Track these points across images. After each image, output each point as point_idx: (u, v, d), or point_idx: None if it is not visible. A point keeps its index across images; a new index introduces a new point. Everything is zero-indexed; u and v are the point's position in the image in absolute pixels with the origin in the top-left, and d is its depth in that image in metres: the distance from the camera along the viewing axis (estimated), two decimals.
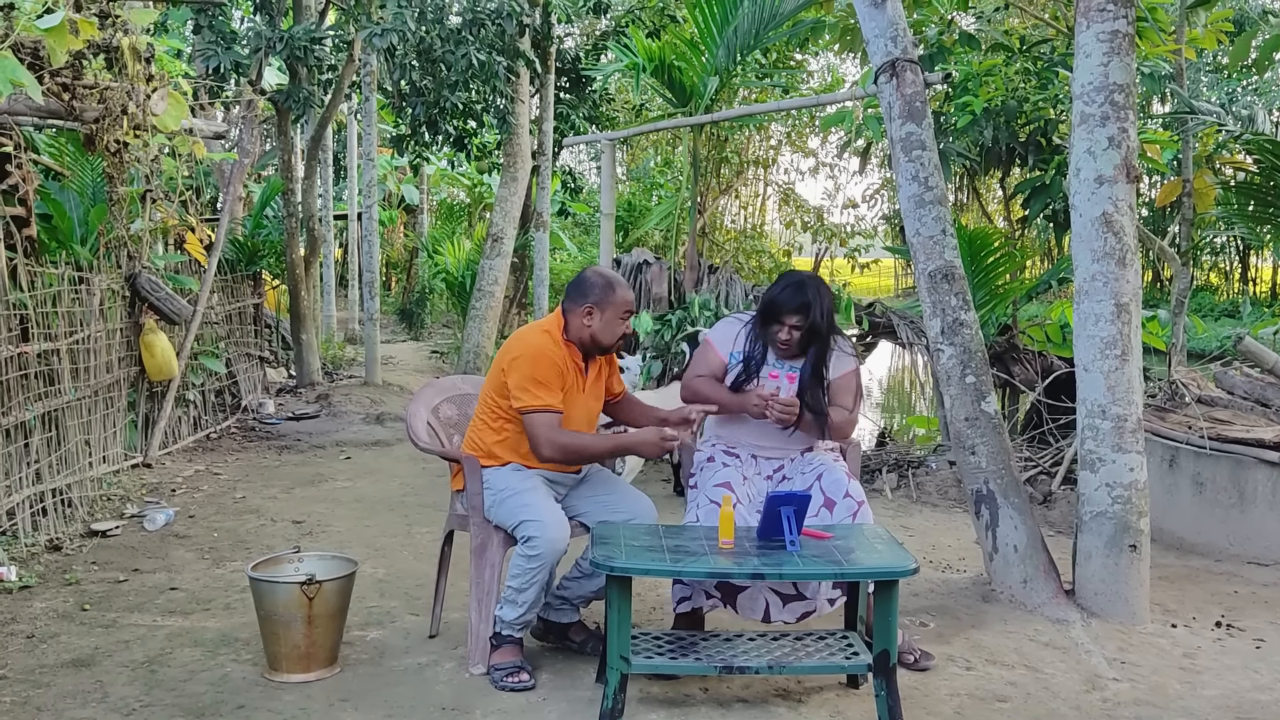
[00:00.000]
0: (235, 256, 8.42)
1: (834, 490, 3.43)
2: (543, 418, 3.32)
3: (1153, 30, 6.44)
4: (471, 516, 3.48)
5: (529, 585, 3.30)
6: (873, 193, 18.84)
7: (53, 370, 5.20)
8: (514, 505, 3.36)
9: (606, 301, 3.42)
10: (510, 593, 3.34)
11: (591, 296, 3.42)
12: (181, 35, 10.74)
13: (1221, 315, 18.60)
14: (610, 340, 3.46)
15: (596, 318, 3.42)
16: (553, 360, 3.37)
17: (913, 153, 4.27)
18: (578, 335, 3.45)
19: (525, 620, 3.38)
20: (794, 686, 3.33)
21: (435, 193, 21.10)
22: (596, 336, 3.44)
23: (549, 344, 3.41)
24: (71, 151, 6.59)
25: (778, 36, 7.53)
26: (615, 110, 13.22)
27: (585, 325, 3.43)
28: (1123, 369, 3.91)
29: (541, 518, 3.29)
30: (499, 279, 9.82)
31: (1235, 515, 4.94)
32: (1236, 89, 18.06)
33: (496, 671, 3.31)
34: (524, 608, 3.34)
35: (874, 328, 7.23)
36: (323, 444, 7.41)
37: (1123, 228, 3.91)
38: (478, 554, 3.46)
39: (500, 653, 3.36)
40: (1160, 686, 3.38)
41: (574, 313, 3.44)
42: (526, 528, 3.30)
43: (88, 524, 5.10)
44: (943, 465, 6.45)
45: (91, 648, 3.59)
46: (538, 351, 3.38)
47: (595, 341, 3.44)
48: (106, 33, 5.25)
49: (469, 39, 8.23)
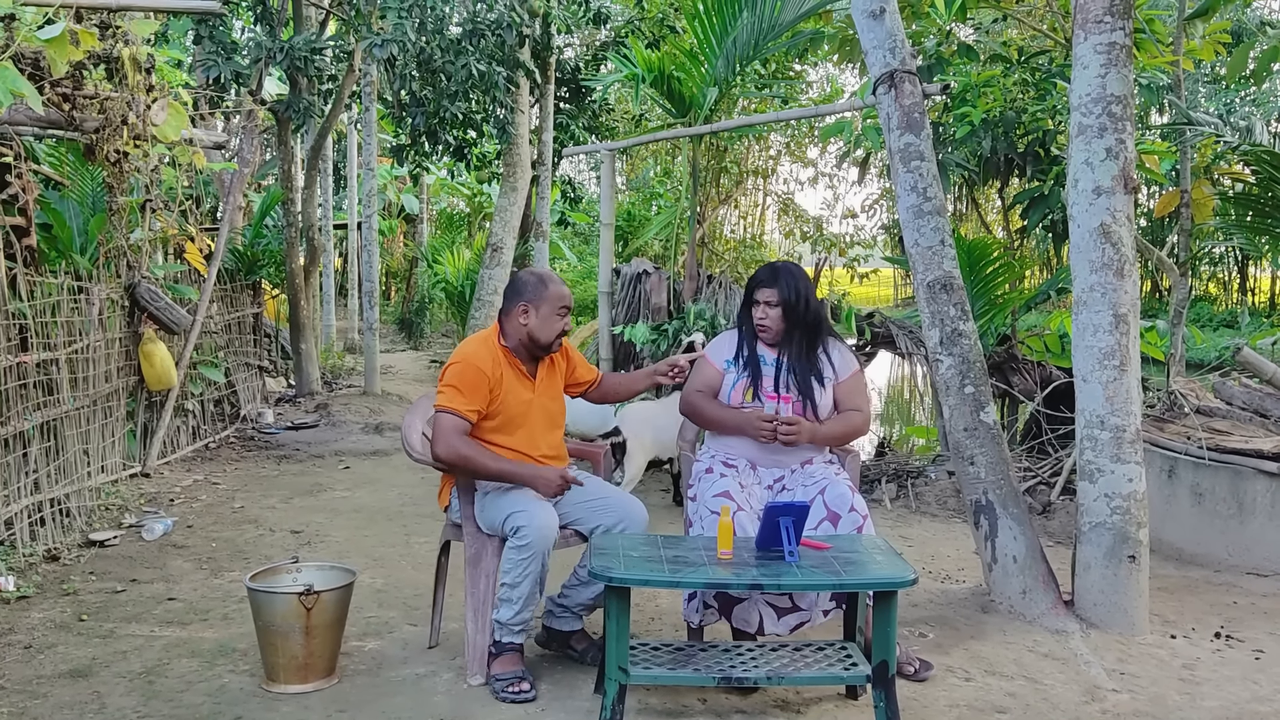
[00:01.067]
0: (235, 266, 8.43)
1: (838, 504, 3.43)
2: (449, 419, 3.35)
3: (1150, 41, 6.46)
4: (465, 527, 3.49)
5: (522, 578, 3.30)
6: (872, 203, 18.86)
7: (51, 380, 5.21)
8: (500, 502, 3.38)
9: (540, 298, 3.44)
10: (505, 590, 3.34)
11: (525, 294, 3.45)
12: (182, 45, 10.78)
13: (1220, 326, 18.61)
14: (549, 337, 3.47)
15: (532, 315, 3.44)
16: (479, 369, 3.38)
17: (911, 163, 4.28)
18: (515, 336, 3.47)
19: (523, 620, 3.37)
20: (793, 697, 3.32)
21: (435, 202, 21.13)
22: (534, 334, 3.46)
23: (481, 351, 3.43)
24: (72, 161, 6.60)
25: (777, 47, 7.54)
26: (615, 120, 13.24)
27: (522, 324, 3.45)
28: (1121, 379, 3.91)
29: (527, 508, 3.30)
30: (498, 289, 9.83)
31: (1234, 526, 4.93)
32: (1234, 100, 18.10)
33: (497, 682, 3.30)
34: (519, 604, 3.33)
35: (873, 338, 7.23)
36: (321, 454, 7.40)
37: (1121, 238, 3.92)
38: (472, 564, 3.46)
39: (501, 661, 3.35)
40: (1159, 698, 3.37)
41: (510, 315, 3.47)
42: (514, 519, 3.31)
43: (86, 534, 5.10)
44: (942, 475, 6.44)
45: (89, 658, 3.59)
46: (465, 358, 3.40)
47: (533, 339, 3.47)
48: (107, 43, 5.27)
49: (469, 49, 8.26)
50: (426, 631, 3.80)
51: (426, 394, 3.85)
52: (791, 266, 3.71)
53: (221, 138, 7.75)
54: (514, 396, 3.45)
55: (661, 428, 5.70)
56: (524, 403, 3.48)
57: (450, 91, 8.56)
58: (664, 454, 5.90)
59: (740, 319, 3.78)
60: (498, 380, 3.42)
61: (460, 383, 3.37)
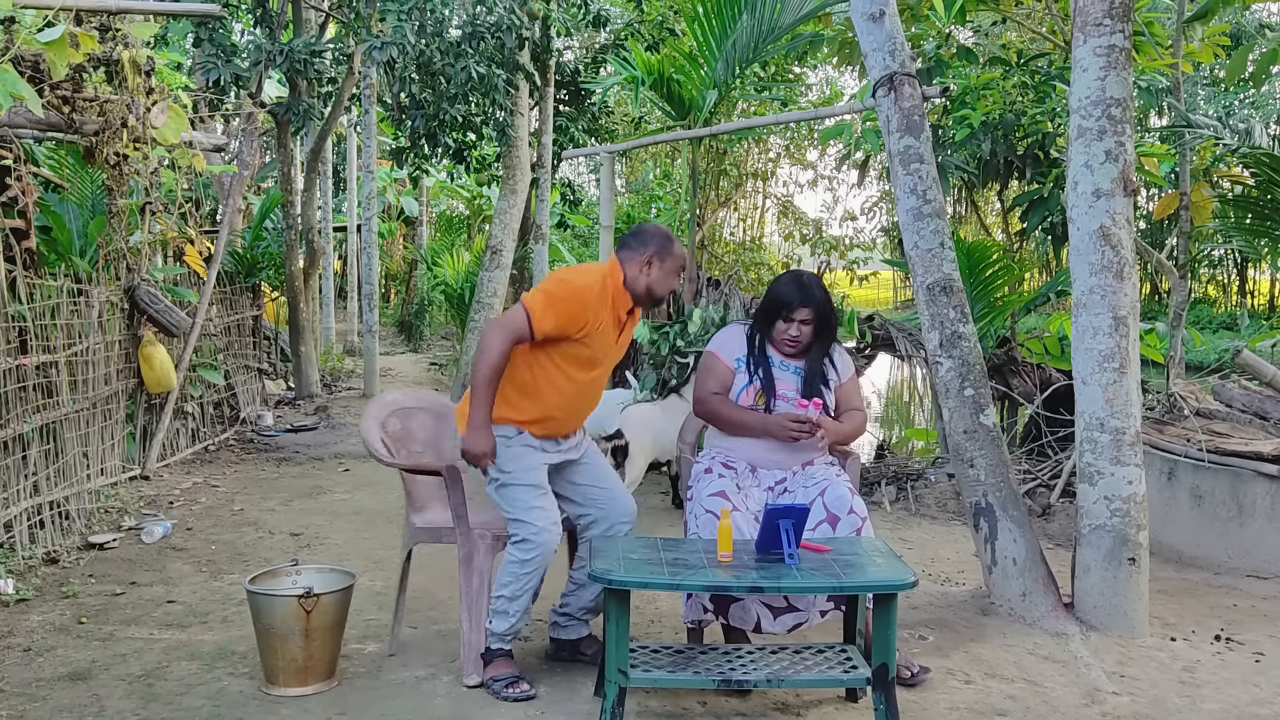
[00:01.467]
0: (234, 268, 8.43)
1: (838, 506, 3.43)
2: (519, 319, 3.28)
3: (1150, 44, 6.47)
4: (457, 526, 3.48)
5: (522, 592, 3.31)
6: (871, 205, 18.89)
7: (51, 382, 5.20)
8: (518, 496, 3.35)
9: (666, 253, 3.44)
10: (501, 603, 3.33)
11: (652, 246, 3.43)
12: (182, 48, 10.79)
13: (1219, 328, 18.62)
14: (664, 291, 3.48)
15: (655, 268, 3.43)
16: (584, 303, 3.34)
17: (911, 166, 4.28)
18: (634, 284, 3.45)
19: (516, 631, 3.38)
20: (792, 700, 3.32)
21: (435, 205, 21.14)
22: (652, 287, 3.45)
23: (596, 287, 3.38)
24: (71, 164, 6.60)
25: (776, 50, 7.55)
26: (614, 123, 13.25)
27: (643, 274, 3.44)
28: (1121, 382, 3.91)
29: (539, 522, 3.29)
30: (498, 291, 9.82)
31: (1234, 528, 4.93)
32: (1234, 102, 18.11)
33: (496, 683, 3.30)
34: (515, 617, 3.34)
35: (873, 340, 7.23)
36: (321, 456, 7.40)
37: (1120, 241, 3.92)
38: (465, 562, 3.46)
39: (495, 665, 3.35)
40: (1159, 700, 3.37)
41: (633, 261, 3.44)
42: (523, 528, 3.30)
43: (85, 536, 5.09)
44: (941, 478, 6.44)
45: (88, 661, 3.58)
46: (579, 290, 3.35)
47: (650, 292, 3.46)
48: (107, 46, 5.27)
49: (468, 52, 8.26)
50: (426, 634, 3.80)
51: (373, 399, 3.86)
52: (814, 279, 3.64)
53: (221, 140, 7.75)
54: (603, 339, 3.44)
55: (661, 430, 5.70)
56: (607, 347, 3.47)
57: (450, 94, 8.56)
58: (663, 456, 5.90)
59: (756, 325, 3.71)
60: (595, 320, 3.38)
61: (557, 303, 3.31)
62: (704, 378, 3.71)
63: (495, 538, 3.46)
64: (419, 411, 3.95)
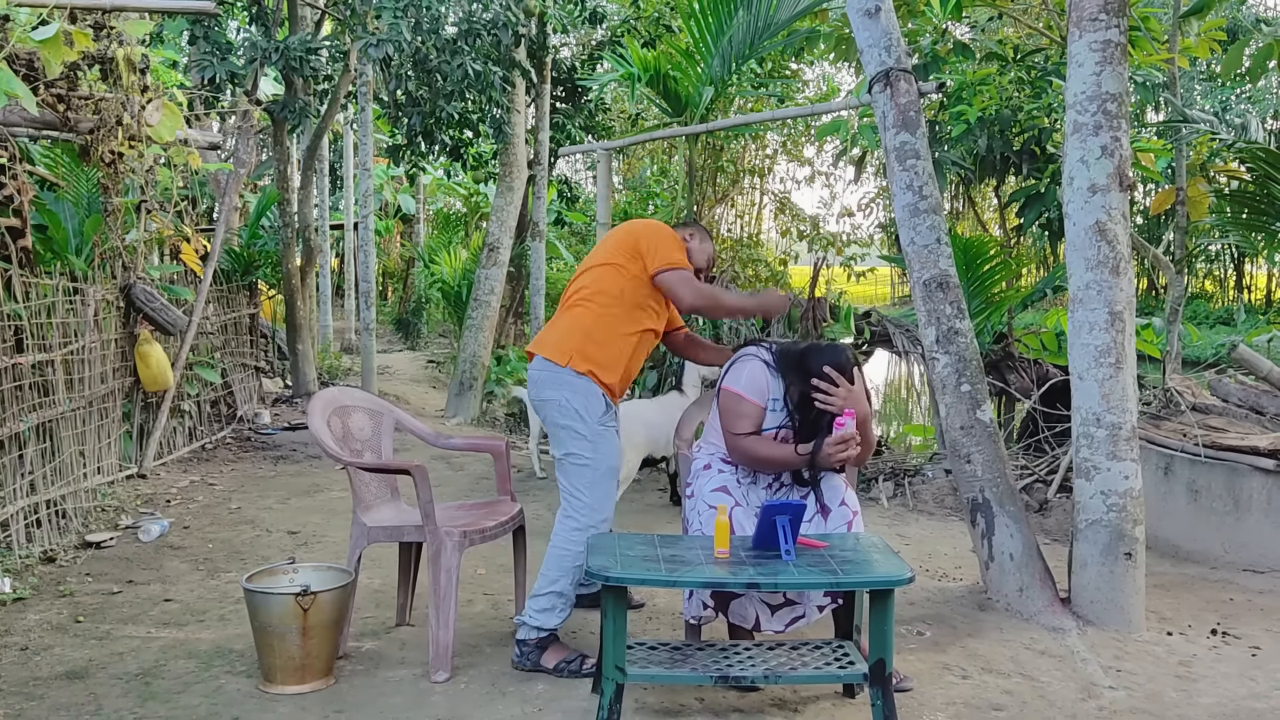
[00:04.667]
0: (231, 266, 8.41)
1: (830, 497, 3.43)
2: (683, 272, 3.52)
3: (1146, 39, 6.47)
4: (425, 525, 3.49)
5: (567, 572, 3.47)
6: (868, 201, 18.87)
7: (47, 381, 5.20)
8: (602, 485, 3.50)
9: (699, 229, 3.84)
10: (550, 599, 3.47)
11: (690, 226, 3.83)
12: (177, 46, 10.77)
13: (1216, 323, 18.65)
14: (702, 261, 3.79)
15: (696, 240, 3.79)
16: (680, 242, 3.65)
17: (907, 162, 4.28)
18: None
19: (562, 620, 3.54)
20: (790, 696, 3.32)
21: (431, 202, 21.12)
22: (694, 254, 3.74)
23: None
24: (67, 162, 6.58)
25: (773, 46, 7.55)
26: (611, 120, 13.23)
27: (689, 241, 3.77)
28: (1117, 377, 3.91)
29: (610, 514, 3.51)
30: (495, 289, 9.82)
31: (1230, 523, 4.94)
32: (1230, 97, 18.12)
33: (569, 665, 3.44)
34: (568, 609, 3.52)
35: (870, 336, 7.23)
36: (318, 454, 7.39)
37: (1116, 236, 3.92)
38: (433, 560, 3.46)
39: (553, 651, 3.49)
40: (1156, 695, 3.37)
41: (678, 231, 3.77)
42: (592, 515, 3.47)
43: (82, 535, 5.09)
44: (939, 474, 6.45)
45: (85, 660, 3.58)
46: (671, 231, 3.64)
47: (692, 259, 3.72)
48: (101, 44, 5.26)
49: (465, 49, 8.25)
50: (423, 632, 3.80)
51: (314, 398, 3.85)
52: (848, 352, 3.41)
53: (217, 138, 7.73)
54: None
55: (655, 425, 5.69)
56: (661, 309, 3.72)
57: (446, 91, 8.54)
58: (657, 452, 5.88)
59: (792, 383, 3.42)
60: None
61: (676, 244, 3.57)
62: (732, 418, 3.45)
63: (463, 534, 3.49)
64: (355, 410, 3.97)
